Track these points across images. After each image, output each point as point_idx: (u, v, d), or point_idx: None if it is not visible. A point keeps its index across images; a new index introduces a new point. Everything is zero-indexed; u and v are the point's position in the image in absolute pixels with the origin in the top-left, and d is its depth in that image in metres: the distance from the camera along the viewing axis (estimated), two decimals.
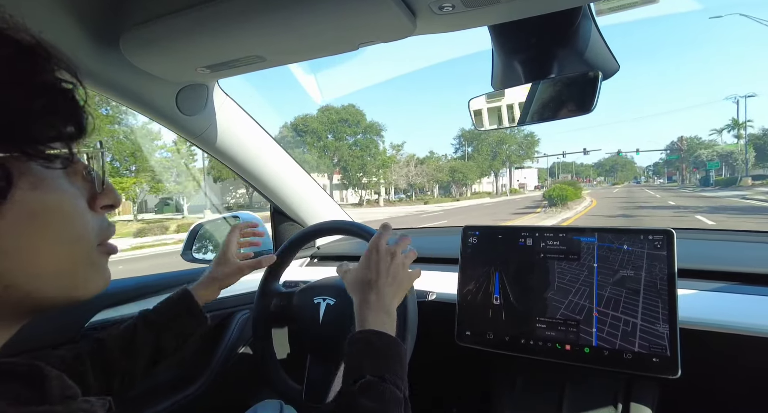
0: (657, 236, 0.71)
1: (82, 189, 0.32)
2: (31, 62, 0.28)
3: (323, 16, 0.61)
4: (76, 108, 0.30)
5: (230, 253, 0.79)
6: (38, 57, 0.28)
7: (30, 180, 0.28)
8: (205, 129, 0.97)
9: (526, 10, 0.61)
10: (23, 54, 0.27)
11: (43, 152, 0.28)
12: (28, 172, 0.27)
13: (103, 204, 0.34)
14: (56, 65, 0.29)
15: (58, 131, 0.29)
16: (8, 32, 0.27)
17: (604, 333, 0.72)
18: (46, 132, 0.28)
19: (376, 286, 0.61)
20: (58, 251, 0.30)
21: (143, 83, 0.81)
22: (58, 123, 0.29)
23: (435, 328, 0.86)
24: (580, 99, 0.71)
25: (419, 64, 16.79)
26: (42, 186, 0.28)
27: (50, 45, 0.29)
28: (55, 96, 0.29)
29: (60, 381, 0.28)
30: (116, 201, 0.35)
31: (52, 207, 0.29)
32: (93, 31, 0.68)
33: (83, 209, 0.32)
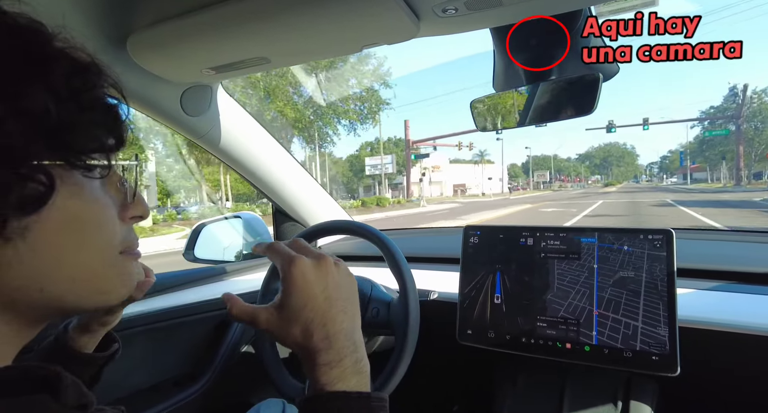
0: (656, 236, 0.72)
1: (115, 199, 0.34)
2: (84, 79, 0.30)
3: (328, 19, 0.62)
4: (117, 122, 0.32)
5: None
6: (91, 74, 0.30)
7: (70, 188, 0.29)
8: (209, 130, 0.97)
9: (527, 12, 0.62)
10: (78, 71, 0.29)
11: (84, 162, 0.29)
12: (70, 180, 0.29)
13: (132, 215, 0.36)
14: (105, 82, 0.31)
15: (100, 142, 0.30)
16: (68, 51, 0.29)
17: (605, 337, 0.72)
18: (90, 144, 0.30)
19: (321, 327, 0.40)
20: (89, 257, 0.31)
21: (149, 84, 0.82)
22: (100, 135, 0.31)
23: (437, 327, 0.87)
24: (581, 101, 0.72)
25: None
26: (80, 194, 0.30)
27: (103, 64, 0.31)
28: (100, 111, 0.31)
29: (76, 387, 0.29)
30: (145, 213, 0.37)
31: (88, 215, 0.31)
32: (101, 33, 0.69)
33: (114, 218, 0.33)
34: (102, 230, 0.32)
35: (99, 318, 0.57)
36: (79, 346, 0.56)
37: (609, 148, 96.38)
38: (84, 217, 0.30)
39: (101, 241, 0.32)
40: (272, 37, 0.67)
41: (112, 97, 0.32)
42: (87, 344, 0.57)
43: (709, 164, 59.60)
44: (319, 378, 0.38)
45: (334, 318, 0.40)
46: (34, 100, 0.26)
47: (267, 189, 1.20)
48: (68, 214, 0.29)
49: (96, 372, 0.57)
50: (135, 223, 0.36)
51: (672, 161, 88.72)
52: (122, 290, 0.34)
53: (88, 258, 0.31)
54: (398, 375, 0.77)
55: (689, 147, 67.45)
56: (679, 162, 70.50)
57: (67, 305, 0.31)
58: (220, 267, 1.13)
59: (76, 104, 0.29)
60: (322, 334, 0.39)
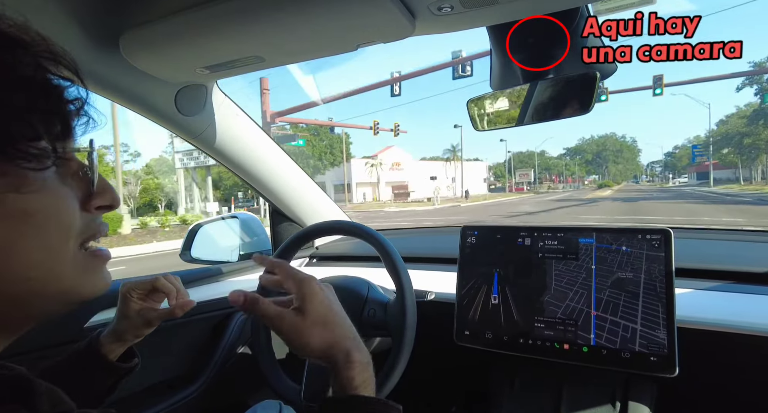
0: (654, 236, 0.72)
1: (74, 189, 0.31)
2: (11, 55, 0.26)
3: (322, 17, 0.61)
4: (61, 105, 0.29)
5: (129, 308, 0.59)
6: (19, 52, 0.27)
7: (11, 181, 0.26)
8: (204, 129, 0.97)
9: (524, 10, 0.61)
10: (5, 47, 0.26)
11: (23, 153, 0.26)
12: (10, 173, 0.26)
13: (98, 205, 0.33)
14: (46, 59, 0.28)
15: (35, 130, 0.27)
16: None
17: (603, 339, 0.72)
18: (25, 131, 0.26)
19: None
20: (45, 254, 0.28)
21: (142, 84, 0.81)
22: (38, 121, 0.27)
23: (434, 328, 0.86)
24: (579, 99, 0.71)
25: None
26: (24, 187, 0.27)
27: (46, 38, 0.28)
28: (36, 92, 0.27)
29: (51, 395, 0.27)
30: (114, 201, 0.34)
31: (36, 209, 0.28)
32: (92, 32, 0.68)
33: (72, 209, 0.30)
34: (55, 225, 0.29)
35: (135, 330, 0.60)
36: (107, 352, 0.59)
37: (604, 140, 76.10)
38: (32, 212, 0.27)
39: (54, 236, 0.29)
40: (266, 35, 0.66)
41: (63, 78, 0.28)
42: (114, 352, 0.60)
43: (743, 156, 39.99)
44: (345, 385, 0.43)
45: (348, 333, 0.46)
46: None
47: (264, 189, 1.19)
48: (12, 209, 0.26)
49: (114, 382, 0.59)
50: (103, 213, 0.34)
51: (679, 158, 73.66)
52: (85, 288, 0.32)
53: (42, 256, 0.28)
54: (395, 376, 0.76)
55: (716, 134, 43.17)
56: (690, 158, 55.26)
57: (32, 308, 0.29)
58: (217, 268, 1.13)
59: (5, 85, 0.25)
60: (343, 347, 0.45)
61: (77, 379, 0.56)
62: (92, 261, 0.33)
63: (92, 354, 0.58)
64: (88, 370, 0.57)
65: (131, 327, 0.59)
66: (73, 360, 0.58)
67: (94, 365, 0.57)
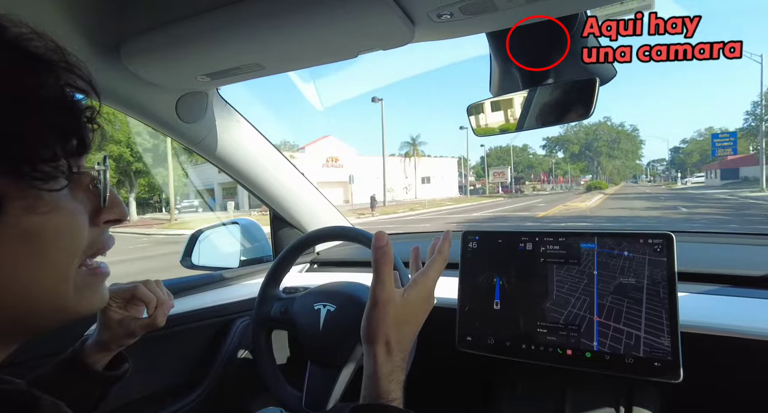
0: (657, 240, 0.72)
1: (85, 203, 0.31)
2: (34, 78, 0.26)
3: (323, 24, 0.62)
4: (77, 123, 0.29)
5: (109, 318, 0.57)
6: (43, 72, 0.26)
7: (25, 202, 0.26)
8: (205, 136, 0.97)
9: (523, 16, 0.61)
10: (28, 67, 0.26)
11: (39, 173, 0.26)
12: (23, 193, 0.26)
13: (107, 219, 0.33)
14: (63, 77, 0.27)
15: (53, 151, 0.27)
16: (20, 42, 0.26)
17: (606, 347, 0.71)
18: (42, 152, 0.26)
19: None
20: (52, 272, 0.29)
21: (143, 91, 0.81)
22: (55, 142, 0.27)
23: (435, 333, 0.86)
24: (578, 104, 0.71)
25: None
26: (38, 207, 0.27)
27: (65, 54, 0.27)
28: (54, 112, 0.27)
29: (55, 409, 0.28)
30: (122, 215, 0.34)
31: (47, 227, 0.28)
32: (93, 40, 0.69)
33: (82, 225, 0.30)
34: (64, 242, 0.29)
35: (117, 340, 0.58)
36: (93, 362, 0.57)
37: (594, 128, 58.52)
38: (45, 229, 0.28)
39: (63, 254, 0.29)
40: (267, 43, 0.67)
41: (78, 91, 0.28)
42: (100, 361, 0.58)
43: None
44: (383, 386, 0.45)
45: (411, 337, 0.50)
46: None
47: (265, 195, 1.19)
48: (25, 229, 0.26)
49: (104, 391, 0.57)
50: (111, 226, 0.34)
51: (688, 154, 62.65)
52: (82, 305, 0.32)
53: (47, 272, 0.29)
54: None
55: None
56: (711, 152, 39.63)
57: (30, 322, 0.29)
58: (218, 274, 1.13)
59: (23, 106, 0.25)
60: (406, 347, 0.49)
61: (63, 389, 0.53)
62: (92, 279, 0.33)
63: (76, 364, 0.56)
64: (73, 380, 0.55)
65: (113, 337, 0.57)
66: (58, 371, 0.56)
67: (80, 375, 0.56)
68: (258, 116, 16.41)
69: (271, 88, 67.19)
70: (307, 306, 0.86)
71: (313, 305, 0.86)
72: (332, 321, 0.83)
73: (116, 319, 0.57)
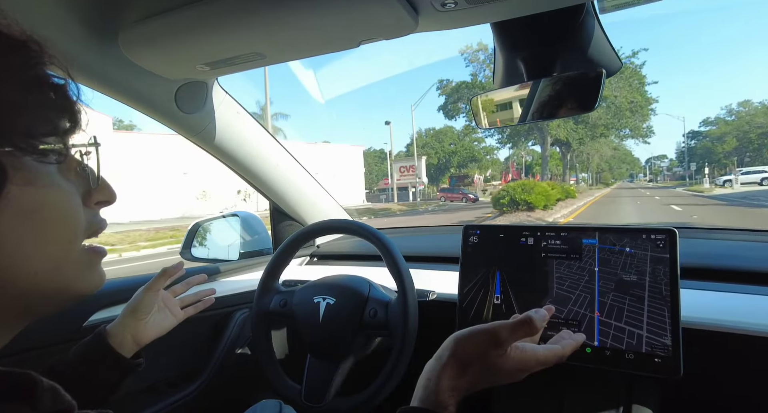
0: (659, 236, 0.71)
1: (76, 185, 0.32)
2: (22, 56, 0.27)
3: (325, 13, 0.61)
4: (69, 102, 0.30)
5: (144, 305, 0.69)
6: (30, 51, 0.28)
7: (24, 176, 0.27)
8: (204, 127, 0.96)
9: (529, 7, 0.60)
10: (15, 48, 0.27)
11: (37, 147, 0.27)
12: (22, 167, 0.27)
13: (97, 200, 0.34)
14: (48, 60, 0.29)
15: (52, 125, 0.28)
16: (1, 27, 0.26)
17: (607, 345, 0.71)
18: (40, 127, 0.28)
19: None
20: (53, 249, 0.29)
21: (142, 81, 0.80)
22: (51, 117, 0.28)
23: (435, 328, 0.85)
24: (583, 97, 0.70)
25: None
26: (36, 182, 0.28)
27: (42, 40, 0.28)
28: (47, 90, 0.28)
29: (53, 393, 0.28)
30: (111, 197, 0.35)
31: (47, 203, 0.29)
32: (92, 28, 0.68)
33: (77, 205, 0.31)
34: (64, 220, 0.30)
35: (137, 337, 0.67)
36: (119, 348, 0.63)
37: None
38: (43, 207, 0.28)
39: (63, 231, 0.30)
40: (267, 32, 0.66)
41: (58, 77, 0.29)
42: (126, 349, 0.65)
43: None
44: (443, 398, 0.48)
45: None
46: None
47: (264, 187, 1.18)
48: (25, 205, 0.27)
49: (118, 378, 0.63)
50: (101, 208, 0.35)
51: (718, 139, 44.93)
52: (82, 285, 0.32)
53: (54, 249, 0.29)
54: (396, 375, 0.76)
55: None
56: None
57: (31, 304, 0.29)
58: (217, 266, 1.12)
59: (16, 84, 0.26)
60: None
61: (85, 373, 0.59)
62: (94, 258, 0.33)
63: (100, 348, 0.62)
64: (96, 366, 0.61)
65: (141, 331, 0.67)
66: (82, 354, 0.61)
67: (102, 360, 0.61)
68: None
69: None
70: (307, 299, 0.86)
71: (313, 298, 0.85)
72: (332, 314, 0.83)
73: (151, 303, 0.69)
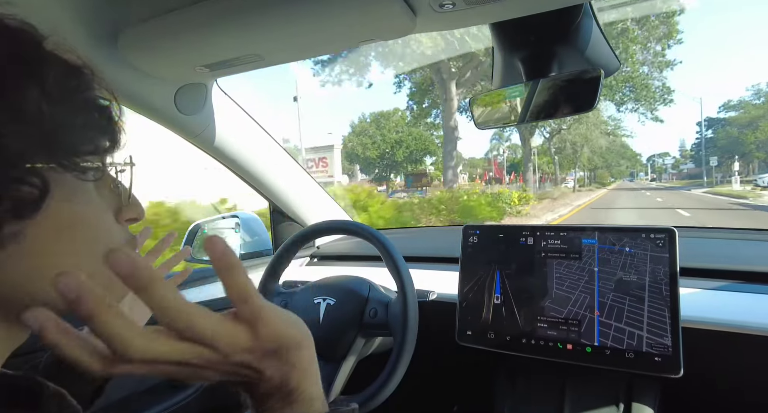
0: (659, 235, 0.71)
1: (109, 201, 0.33)
2: (76, 81, 0.29)
3: (323, 14, 0.61)
4: (111, 123, 0.31)
5: None
6: (84, 76, 0.30)
7: (64, 191, 0.28)
8: (204, 129, 0.96)
9: (527, 7, 0.60)
10: (71, 73, 0.29)
11: (78, 165, 0.29)
12: (63, 184, 0.28)
13: (127, 217, 0.35)
14: (97, 84, 0.31)
15: (94, 144, 0.30)
16: (58, 52, 0.29)
17: (607, 346, 0.71)
18: (84, 146, 0.29)
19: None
20: (86, 262, 0.30)
21: (141, 83, 0.80)
22: (94, 137, 0.30)
23: (436, 328, 0.86)
24: (581, 97, 0.70)
25: None
26: (74, 198, 0.29)
27: (94, 66, 0.31)
28: (94, 112, 0.30)
29: (60, 398, 0.28)
30: (140, 215, 0.36)
31: (83, 219, 0.30)
32: (90, 30, 0.68)
33: (110, 222, 0.33)
34: (99, 235, 0.31)
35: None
36: None
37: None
38: (79, 221, 0.30)
39: (100, 246, 0.31)
40: (266, 33, 0.66)
41: (104, 98, 0.32)
42: None
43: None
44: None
45: None
46: (29, 102, 0.26)
47: (264, 189, 1.18)
48: (63, 219, 0.28)
49: (101, 384, 0.57)
50: (130, 225, 0.36)
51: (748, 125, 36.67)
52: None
53: (87, 265, 0.30)
54: (397, 376, 0.76)
55: None
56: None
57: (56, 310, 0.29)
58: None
59: (70, 105, 0.28)
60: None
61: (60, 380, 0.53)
62: None
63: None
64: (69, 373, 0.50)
65: None
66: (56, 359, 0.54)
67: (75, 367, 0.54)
68: None
69: None
70: (307, 300, 0.86)
71: (313, 298, 0.86)
72: (332, 315, 0.83)
73: None
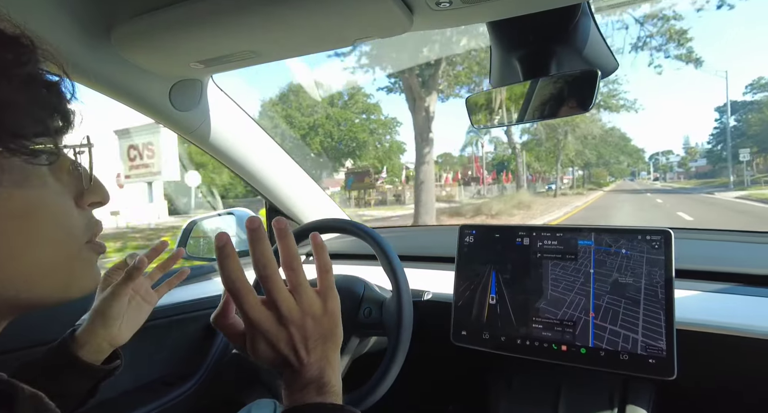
0: (655, 237, 0.71)
1: (68, 185, 0.31)
2: (14, 53, 0.26)
3: (319, 12, 0.60)
4: (62, 100, 0.29)
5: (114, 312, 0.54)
6: (22, 47, 0.27)
7: (14, 178, 0.26)
8: (199, 125, 0.95)
9: (524, 6, 0.60)
10: (6, 44, 0.26)
11: (27, 148, 0.26)
12: (12, 169, 0.26)
13: (90, 201, 0.33)
14: (41, 57, 0.28)
15: (43, 125, 0.27)
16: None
17: (602, 348, 0.71)
18: (31, 126, 0.27)
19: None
20: (45, 251, 0.29)
21: (135, 78, 0.79)
22: (43, 117, 0.27)
23: (431, 328, 0.86)
24: (579, 97, 0.70)
25: None
26: (27, 183, 0.27)
27: (35, 36, 0.27)
28: (40, 88, 0.27)
29: (36, 401, 0.27)
30: (104, 198, 0.34)
31: (38, 205, 0.28)
32: (83, 24, 0.67)
33: (69, 207, 0.31)
34: (57, 221, 0.29)
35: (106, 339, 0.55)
36: (84, 354, 0.53)
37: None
38: (34, 208, 0.28)
39: (59, 232, 0.29)
40: (261, 30, 0.65)
41: (52, 73, 0.29)
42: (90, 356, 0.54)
43: None
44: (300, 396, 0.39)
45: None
46: None
47: (260, 186, 1.18)
48: (15, 206, 0.26)
49: (93, 385, 0.55)
50: (94, 208, 0.34)
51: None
52: (87, 283, 0.32)
53: (47, 251, 0.29)
54: (391, 375, 0.76)
55: None
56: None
57: (22, 303, 0.29)
58: (212, 265, 1.12)
59: (7, 81, 0.25)
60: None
61: (52, 380, 0.51)
62: (91, 257, 0.33)
63: (67, 355, 0.52)
64: (63, 372, 0.52)
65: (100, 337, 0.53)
66: (48, 361, 0.53)
67: (68, 367, 0.52)
68: None
69: None
70: None
71: None
72: None
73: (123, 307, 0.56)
